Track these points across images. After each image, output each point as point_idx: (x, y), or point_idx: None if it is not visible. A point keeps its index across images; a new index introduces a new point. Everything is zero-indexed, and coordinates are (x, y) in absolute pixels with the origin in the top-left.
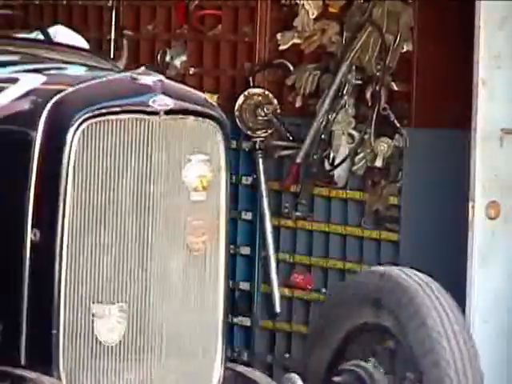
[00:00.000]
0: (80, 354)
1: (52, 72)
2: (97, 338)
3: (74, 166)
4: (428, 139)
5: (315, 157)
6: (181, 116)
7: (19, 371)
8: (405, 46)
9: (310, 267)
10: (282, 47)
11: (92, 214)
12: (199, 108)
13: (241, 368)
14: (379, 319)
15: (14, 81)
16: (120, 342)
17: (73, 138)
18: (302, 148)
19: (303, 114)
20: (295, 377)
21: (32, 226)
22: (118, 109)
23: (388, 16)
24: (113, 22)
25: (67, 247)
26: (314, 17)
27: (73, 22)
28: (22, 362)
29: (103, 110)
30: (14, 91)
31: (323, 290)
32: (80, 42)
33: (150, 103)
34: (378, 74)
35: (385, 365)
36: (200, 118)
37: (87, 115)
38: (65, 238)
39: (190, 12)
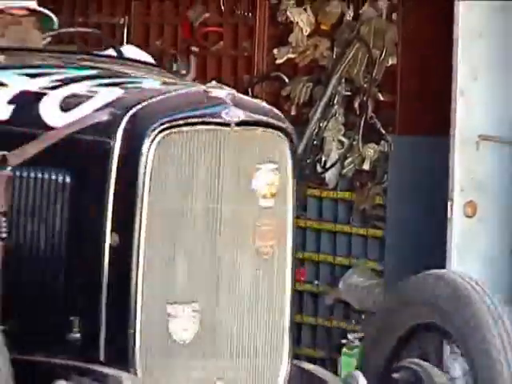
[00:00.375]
0: (155, 351)
1: (129, 86)
2: (171, 337)
3: (151, 175)
4: (411, 145)
5: (308, 161)
6: (251, 127)
7: (99, 368)
8: (390, 60)
9: (303, 261)
10: (278, 61)
11: (167, 219)
12: (268, 119)
13: (305, 365)
14: (436, 321)
15: (93, 94)
16: (192, 340)
17: (149, 148)
18: None
19: (297, 122)
20: (358, 374)
21: (111, 231)
22: (191, 120)
23: (374, 33)
24: (125, 39)
25: (144, 251)
26: (307, 34)
27: (88, 38)
28: (101, 358)
29: (178, 122)
30: (94, 103)
31: (315, 282)
32: (147, 58)
33: (223, 115)
34: (365, 85)
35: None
36: (269, 129)
37: (163, 126)
38: (141, 242)
39: (195, 29)
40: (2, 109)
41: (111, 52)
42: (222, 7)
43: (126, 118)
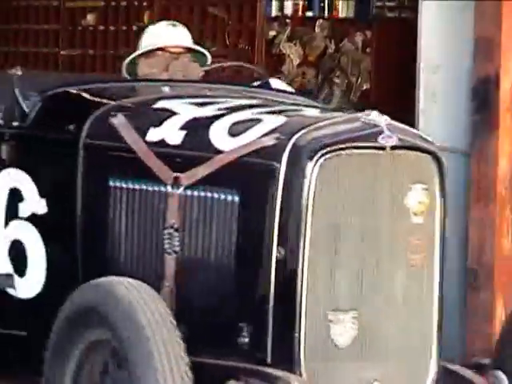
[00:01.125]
0: (318, 354)
1: (290, 113)
2: (332, 341)
3: (314, 194)
4: None
5: None
6: (403, 151)
7: (267, 369)
8: (364, 85)
9: None
10: None
11: (328, 235)
12: (419, 143)
13: (450, 365)
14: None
15: (258, 121)
16: (351, 344)
17: (312, 170)
18: None
19: None
20: (501, 374)
21: (277, 245)
22: (351, 145)
23: (352, 63)
24: None
25: (307, 263)
26: (296, 64)
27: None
28: (268, 361)
29: (338, 146)
30: (259, 129)
31: None
32: (289, 89)
33: (379, 140)
34: (344, 106)
35: None
36: (419, 153)
37: (324, 151)
38: (305, 255)
39: None
40: (174, 134)
41: (261, 84)
42: (227, 42)
43: (290, 143)
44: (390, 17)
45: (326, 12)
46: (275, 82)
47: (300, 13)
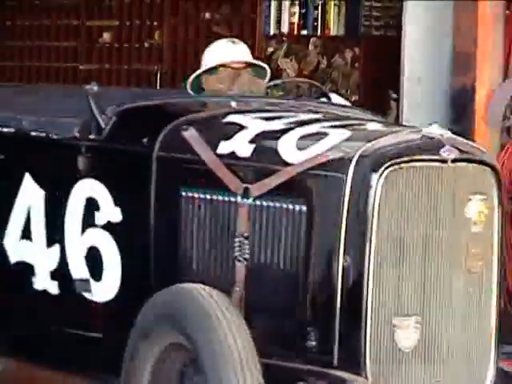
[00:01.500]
0: (382, 358)
1: (355, 127)
2: (396, 345)
3: (378, 205)
4: None
5: None
6: (463, 163)
7: (334, 372)
8: (353, 97)
9: None
10: None
11: (392, 244)
12: (477, 157)
13: (506, 367)
14: None
15: (325, 135)
16: (414, 348)
17: (377, 182)
18: None
19: None
20: None
21: (344, 253)
22: (414, 157)
23: (342, 76)
24: (158, 82)
25: (373, 271)
26: (293, 76)
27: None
28: (335, 363)
29: (402, 159)
30: (326, 143)
31: None
32: (347, 103)
33: (441, 153)
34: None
35: None
36: (478, 165)
37: (388, 163)
38: (371, 263)
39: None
40: (244, 147)
41: (321, 98)
42: None
43: (356, 156)
44: (376, 35)
45: (319, 31)
46: (335, 97)
47: (295, 31)
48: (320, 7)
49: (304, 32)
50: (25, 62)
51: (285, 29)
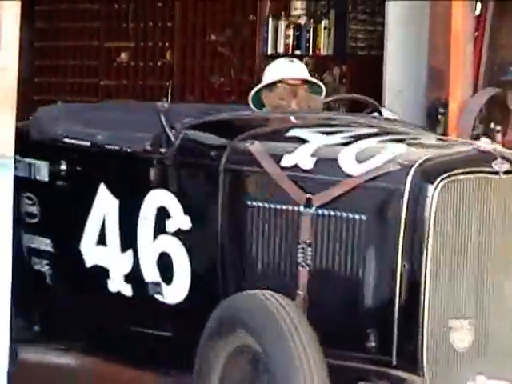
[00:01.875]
0: (439, 358)
1: (410, 141)
2: (452, 346)
3: (434, 214)
4: None
5: None
6: None
7: (393, 372)
8: (342, 109)
9: None
10: None
11: (447, 251)
12: None
13: None
14: None
15: (382, 148)
16: (468, 349)
17: (433, 193)
18: None
19: None
20: None
21: (402, 259)
22: (467, 170)
23: (331, 91)
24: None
25: (429, 276)
26: None
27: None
28: (394, 363)
29: (457, 171)
30: (384, 156)
31: None
32: (396, 117)
33: (494, 165)
34: None
35: None
36: None
37: (444, 175)
38: (428, 269)
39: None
40: (306, 160)
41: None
42: (232, 75)
43: (413, 169)
44: (361, 54)
45: (311, 51)
46: (386, 112)
47: (290, 51)
48: (311, 30)
49: (297, 52)
50: (52, 78)
51: (281, 49)
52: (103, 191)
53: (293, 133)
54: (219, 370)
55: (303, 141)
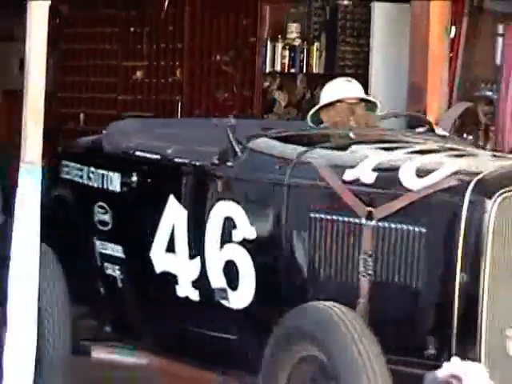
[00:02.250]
0: (496, 365)
1: (467, 157)
2: (508, 354)
3: (493, 228)
4: None
5: None
6: None
7: None
8: None
9: None
10: None
11: (505, 263)
12: None
13: None
14: None
15: (441, 164)
16: None
17: (492, 207)
18: None
19: None
20: None
21: (461, 271)
22: None
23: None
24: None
25: (488, 287)
26: (283, 106)
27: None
28: None
29: None
30: (443, 171)
31: None
32: (445, 133)
33: None
34: None
35: None
36: None
37: (502, 190)
38: (485, 280)
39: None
40: (368, 175)
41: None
42: (235, 91)
43: (472, 183)
44: (349, 73)
45: (304, 69)
46: (437, 129)
47: (286, 69)
48: (305, 51)
49: (293, 70)
50: (75, 93)
51: (278, 67)
52: (172, 202)
53: (354, 149)
54: (285, 378)
55: (364, 156)
